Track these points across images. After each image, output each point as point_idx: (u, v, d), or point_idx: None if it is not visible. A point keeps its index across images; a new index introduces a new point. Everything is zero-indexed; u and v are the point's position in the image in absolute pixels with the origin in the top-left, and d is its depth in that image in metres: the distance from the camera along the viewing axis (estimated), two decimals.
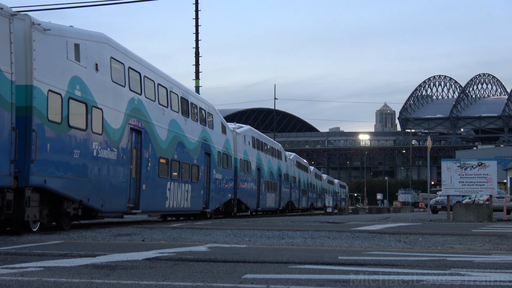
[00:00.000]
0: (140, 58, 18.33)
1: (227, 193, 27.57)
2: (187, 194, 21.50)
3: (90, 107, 14.56)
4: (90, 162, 14.47)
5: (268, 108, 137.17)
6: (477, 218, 23.58)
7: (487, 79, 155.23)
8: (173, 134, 20.07)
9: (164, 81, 19.98)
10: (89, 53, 14.72)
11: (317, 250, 9.61)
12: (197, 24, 38.03)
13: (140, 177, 17.39)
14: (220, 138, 26.65)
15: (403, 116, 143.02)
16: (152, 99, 18.63)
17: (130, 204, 16.90)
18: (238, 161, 29.49)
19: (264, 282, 6.09)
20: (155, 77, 19.15)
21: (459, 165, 24.63)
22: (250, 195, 32.20)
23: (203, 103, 24.63)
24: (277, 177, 39.39)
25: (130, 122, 16.75)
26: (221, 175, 26.29)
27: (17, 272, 6.58)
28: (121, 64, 16.61)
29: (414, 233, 13.92)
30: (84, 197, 14.24)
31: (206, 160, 24.15)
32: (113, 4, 27.42)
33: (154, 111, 18.68)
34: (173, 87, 20.79)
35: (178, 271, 6.80)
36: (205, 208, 24.12)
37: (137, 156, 17.36)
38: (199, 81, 38.03)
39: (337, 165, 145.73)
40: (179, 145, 20.74)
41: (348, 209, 54.51)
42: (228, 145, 27.86)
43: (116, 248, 9.51)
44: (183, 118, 21.40)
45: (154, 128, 18.52)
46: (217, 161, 25.65)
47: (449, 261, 8.06)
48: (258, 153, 34.50)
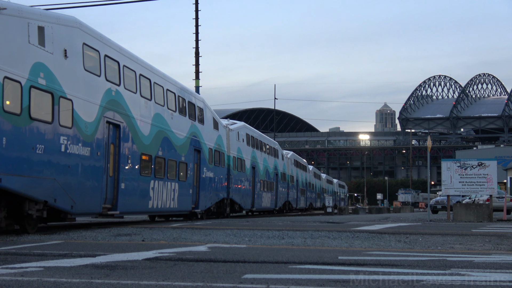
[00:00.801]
0: (119, 46, 16.89)
1: (219, 192, 26.18)
2: (173, 193, 20.12)
3: (58, 98, 13.08)
4: (57, 158, 13.06)
5: (268, 108, 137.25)
6: (477, 218, 23.57)
7: (487, 79, 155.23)
8: (157, 129, 18.75)
9: (147, 72, 18.50)
10: (56, 37, 13.26)
11: (317, 250, 9.61)
12: (197, 24, 38.01)
13: (118, 175, 16.04)
14: (212, 134, 25.26)
15: (403, 116, 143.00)
16: (133, 91, 17.23)
17: (107, 205, 15.57)
18: (231, 159, 28.16)
19: (264, 282, 6.09)
20: (136, 67, 17.67)
21: (459, 165, 24.62)
22: (244, 194, 30.97)
23: (192, 96, 23.20)
24: (273, 176, 38.18)
25: (107, 115, 15.35)
26: (212, 173, 24.93)
27: (17, 272, 6.58)
28: (96, 52, 15.18)
29: (414, 233, 13.92)
30: (50, 197, 12.84)
31: (196, 157, 22.81)
32: (113, 4, 27.42)
33: (135, 104, 17.27)
34: (158, 78, 19.39)
35: (178, 271, 6.80)
36: (195, 208, 22.80)
37: (115, 152, 15.95)
38: (199, 81, 38.00)
39: (337, 165, 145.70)
40: (165, 141, 19.43)
41: (348, 209, 54.46)
42: (220, 142, 26.48)
43: (116, 248, 9.51)
44: (169, 112, 19.97)
45: (135, 122, 17.15)
46: (208, 158, 24.29)
47: (449, 261, 8.06)
48: (253, 151, 33.24)
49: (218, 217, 26.71)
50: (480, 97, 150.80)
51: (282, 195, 41.13)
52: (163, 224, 18.55)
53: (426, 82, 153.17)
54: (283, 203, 41.86)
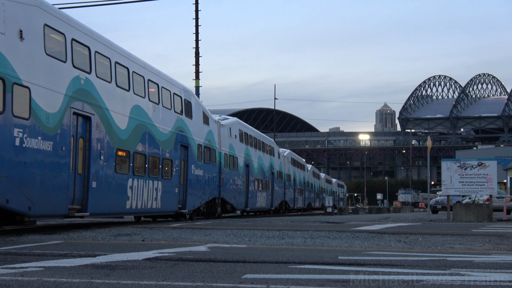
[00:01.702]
0: (91, 30, 15.25)
1: (209, 191, 24.60)
2: (156, 192, 18.67)
3: (10, 84, 11.59)
4: (10, 153, 11.54)
5: (268, 108, 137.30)
6: (477, 218, 23.57)
7: (487, 79, 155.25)
8: (136, 122, 17.26)
9: (125, 60, 16.93)
10: (9, 16, 11.79)
11: (317, 250, 9.61)
12: (197, 24, 38.01)
13: (89, 173, 14.49)
14: (201, 130, 23.62)
15: (403, 116, 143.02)
16: (107, 80, 15.72)
17: (75, 205, 14.08)
18: (222, 156, 26.61)
19: (264, 282, 6.09)
20: (112, 54, 16.11)
21: (459, 165, 24.63)
22: (237, 194, 29.33)
23: (179, 89, 21.47)
24: (269, 175, 36.62)
25: (74, 105, 13.80)
26: (202, 171, 23.36)
27: (17, 272, 6.58)
28: (61, 35, 13.54)
29: (414, 233, 13.92)
30: (1, 197, 11.35)
31: (183, 153, 21.28)
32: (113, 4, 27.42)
33: (110, 94, 15.76)
34: (138, 68, 17.82)
35: (178, 271, 6.80)
36: (182, 208, 21.32)
37: (85, 147, 14.48)
38: (199, 81, 37.99)
39: (337, 165, 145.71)
40: (145, 135, 17.92)
41: (348, 209, 54.46)
42: (211, 138, 24.88)
43: (116, 248, 9.51)
44: (151, 104, 18.47)
45: (110, 114, 15.65)
46: (196, 155, 22.64)
47: (449, 261, 8.06)
48: (247, 148, 31.63)
49: (209, 217, 25.53)
50: (480, 97, 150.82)
51: (279, 195, 39.92)
52: (163, 224, 18.54)
53: (426, 82, 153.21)
54: (280, 203, 40.70)
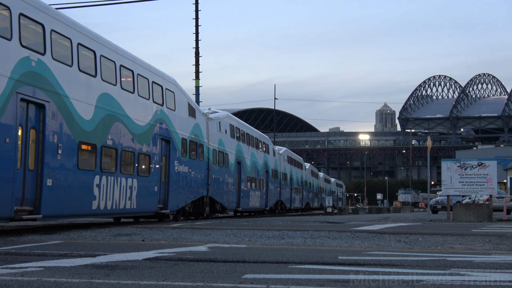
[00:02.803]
0: (46, 5, 13.41)
1: (196, 189, 22.75)
2: (130, 191, 16.85)
3: None
4: None
5: (268, 108, 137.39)
6: (477, 218, 23.57)
7: (487, 79, 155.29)
8: (105, 112, 15.42)
9: (90, 42, 15.08)
10: None
11: (317, 250, 9.61)
12: (197, 24, 38.03)
13: (42, 169, 12.74)
14: (186, 123, 21.71)
15: (403, 116, 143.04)
16: (67, 63, 13.86)
17: (25, 207, 12.40)
18: (211, 152, 24.73)
19: (264, 282, 6.09)
20: (73, 34, 14.17)
21: (459, 165, 24.63)
22: (228, 192, 27.44)
23: (159, 77, 19.48)
24: (263, 173, 34.80)
25: (22, 91, 12.10)
26: (187, 168, 21.48)
27: (17, 272, 6.57)
28: (4, 8, 11.92)
29: (414, 233, 13.92)
30: None
31: (164, 148, 19.44)
32: (113, 4, 27.43)
33: (71, 79, 13.92)
34: (108, 51, 16.02)
35: (178, 271, 6.80)
36: (163, 208, 19.59)
37: (38, 139, 12.73)
38: (199, 81, 38.02)
39: (337, 165, 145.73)
40: (117, 127, 16.10)
41: (348, 209, 54.44)
42: (198, 132, 23.08)
43: (116, 248, 9.51)
44: (124, 93, 16.65)
45: (70, 102, 13.76)
46: (181, 150, 20.75)
47: (449, 261, 8.06)
48: (239, 144, 29.72)
49: (197, 218, 24.06)
50: (480, 97, 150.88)
51: (274, 194, 38.27)
52: (163, 224, 18.55)
53: (426, 82, 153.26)
54: (275, 202, 39.10)
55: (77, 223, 19.57)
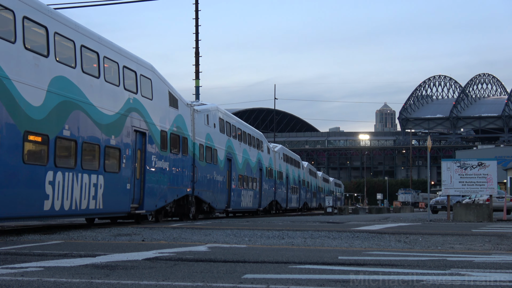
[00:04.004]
0: None
1: (178, 188, 20.75)
2: (95, 189, 14.79)
3: None
4: None
5: (268, 108, 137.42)
6: (477, 218, 23.57)
7: (487, 79, 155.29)
8: (60, 98, 13.49)
9: (41, 16, 12.99)
10: None
11: (317, 250, 9.61)
12: (197, 24, 38.06)
13: None
14: (166, 114, 19.75)
15: (403, 116, 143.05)
16: (9, 40, 12.01)
17: None
18: (197, 147, 22.74)
19: (264, 282, 6.10)
20: (16, 5, 12.17)
21: (459, 165, 24.64)
22: (216, 191, 25.44)
23: (132, 61, 17.32)
24: (256, 171, 32.91)
25: None
26: (167, 164, 19.54)
27: (17, 272, 6.58)
28: None
29: (414, 233, 13.92)
30: None
31: (139, 141, 17.51)
32: (113, 4, 27.44)
33: (11, 58, 12.03)
34: (64, 29, 13.94)
35: (178, 271, 6.80)
36: (138, 208, 17.55)
37: None
38: (199, 81, 38.05)
39: (337, 165, 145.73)
40: (77, 116, 14.15)
41: (348, 209, 54.43)
42: (181, 124, 21.05)
43: (116, 248, 9.51)
44: (86, 77, 14.68)
45: (12, 85, 11.88)
46: (159, 144, 18.79)
47: (449, 261, 8.06)
48: (229, 139, 27.68)
49: (181, 219, 22.25)
50: (480, 97, 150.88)
51: (268, 194, 36.37)
52: (163, 224, 18.54)
53: (426, 82, 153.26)
54: (270, 202, 37.35)
55: (77, 223, 19.57)
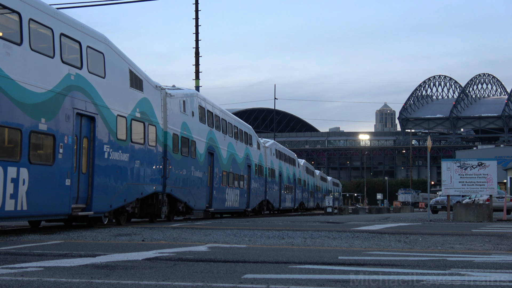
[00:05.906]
0: None
1: (143, 184, 17.82)
2: (14, 186, 11.87)
3: None
4: None
5: (268, 108, 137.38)
6: (477, 218, 23.58)
7: (487, 79, 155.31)
8: None
9: None
10: None
11: (317, 250, 9.61)
12: (197, 24, 38.04)
13: None
14: (126, 96, 16.81)
15: (403, 116, 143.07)
16: None
17: None
18: (170, 137, 19.67)
19: (264, 282, 6.10)
20: None
21: (459, 165, 24.65)
22: (194, 189, 22.26)
23: (75, 29, 14.42)
24: (244, 168, 29.91)
25: None
26: (127, 155, 16.53)
27: (17, 272, 6.58)
28: None
29: (414, 233, 13.93)
30: None
31: (86, 128, 14.65)
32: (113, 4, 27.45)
33: None
34: None
35: (178, 271, 6.80)
36: (85, 209, 14.61)
37: None
38: (199, 81, 38.02)
39: (337, 165, 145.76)
40: None
41: (348, 209, 54.48)
42: (148, 110, 18.03)
43: (116, 248, 9.52)
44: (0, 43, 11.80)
45: None
46: (115, 131, 15.87)
47: (449, 261, 8.06)
48: (211, 131, 24.54)
49: (152, 220, 19.80)
50: (480, 97, 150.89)
51: (258, 193, 33.30)
52: (163, 224, 18.53)
53: (426, 82, 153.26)
54: (260, 202, 34.25)
55: (77, 223, 19.55)
